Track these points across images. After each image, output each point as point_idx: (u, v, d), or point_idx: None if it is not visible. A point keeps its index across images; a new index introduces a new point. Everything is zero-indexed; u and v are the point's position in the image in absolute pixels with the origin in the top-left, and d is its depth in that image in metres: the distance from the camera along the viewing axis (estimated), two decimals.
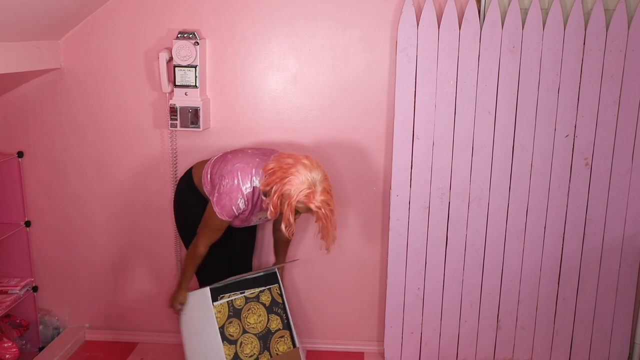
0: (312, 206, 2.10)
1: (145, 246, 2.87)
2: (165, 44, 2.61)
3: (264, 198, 2.22)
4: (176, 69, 2.54)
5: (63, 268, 2.93)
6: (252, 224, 2.43)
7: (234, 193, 2.18)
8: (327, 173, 2.72)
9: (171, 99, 2.60)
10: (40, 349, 2.85)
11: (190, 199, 2.41)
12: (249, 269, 2.67)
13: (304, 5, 2.57)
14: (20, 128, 2.77)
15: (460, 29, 2.47)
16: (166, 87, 2.59)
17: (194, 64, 2.54)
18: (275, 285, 2.53)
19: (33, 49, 2.45)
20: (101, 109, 2.73)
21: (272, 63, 2.64)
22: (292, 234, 2.19)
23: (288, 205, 2.09)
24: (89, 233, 2.88)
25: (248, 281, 2.47)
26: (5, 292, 2.72)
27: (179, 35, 2.54)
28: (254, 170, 2.21)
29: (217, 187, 2.23)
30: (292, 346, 2.52)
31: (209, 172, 2.34)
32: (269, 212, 2.15)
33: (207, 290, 2.36)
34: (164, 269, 2.89)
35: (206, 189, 2.34)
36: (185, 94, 2.57)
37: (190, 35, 2.53)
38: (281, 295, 2.53)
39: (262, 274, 2.51)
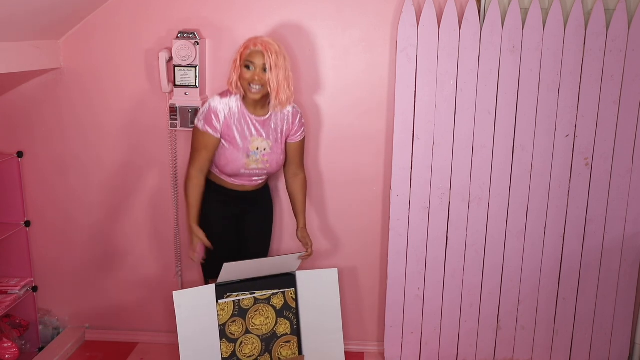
0: (251, 44, 2.20)
1: (146, 246, 2.87)
2: (165, 44, 2.61)
3: (249, 114, 2.29)
4: (176, 69, 2.54)
5: (63, 268, 2.93)
6: (252, 157, 2.33)
7: (211, 100, 2.29)
8: (327, 173, 2.74)
9: (171, 99, 2.60)
10: (40, 349, 2.85)
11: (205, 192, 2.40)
12: (264, 255, 2.62)
13: (304, 5, 2.57)
14: (20, 128, 2.77)
15: (460, 29, 2.47)
16: (166, 87, 2.59)
17: (194, 64, 2.54)
18: (291, 289, 2.48)
19: (33, 49, 2.45)
20: (101, 109, 2.73)
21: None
22: (258, 91, 2.23)
23: (238, 64, 2.22)
24: (89, 233, 2.88)
25: (262, 282, 2.44)
26: (5, 292, 2.72)
27: (179, 35, 2.54)
28: (226, 92, 2.33)
29: None
30: (297, 352, 2.50)
31: None
32: (229, 84, 2.26)
33: (212, 287, 2.35)
34: (164, 269, 2.89)
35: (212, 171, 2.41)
36: (185, 94, 2.56)
37: (190, 35, 2.53)
38: (296, 300, 2.50)
39: (278, 274, 2.46)
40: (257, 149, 2.34)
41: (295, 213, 2.55)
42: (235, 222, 2.49)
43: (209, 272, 2.47)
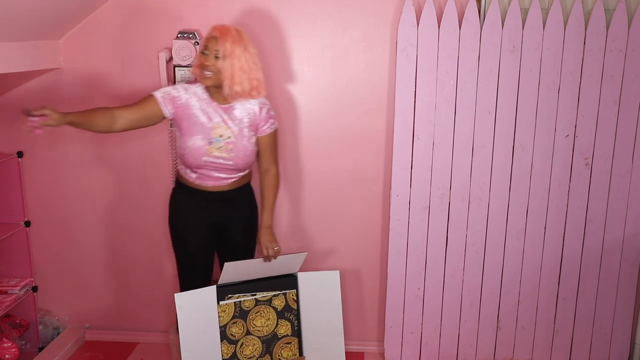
0: (212, 31, 2.16)
1: (146, 246, 2.87)
2: (165, 44, 2.61)
3: (212, 102, 2.25)
4: (176, 68, 2.54)
5: (63, 268, 2.93)
6: (214, 144, 2.24)
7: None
8: (327, 173, 2.74)
9: None
10: (40, 349, 2.85)
11: (182, 197, 2.38)
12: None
13: (304, 5, 2.57)
14: (20, 128, 2.76)
15: (460, 29, 2.47)
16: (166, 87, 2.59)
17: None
18: (292, 291, 2.48)
19: (33, 49, 2.45)
20: None
21: (272, 63, 2.64)
22: (208, 77, 2.17)
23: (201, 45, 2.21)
24: (89, 233, 2.88)
25: (263, 283, 2.44)
26: (5, 292, 2.72)
27: (179, 35, 2.54)
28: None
29: None
30: (298, 354, 2.50)
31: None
32: (202, 82, 2.22)
33: (213, 289, 2.35)
34: (164, 269, 2.89)
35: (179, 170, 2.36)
36: None
37: (190, 35, 2.53)
38: (297, 301, 2.50)
39: (280, 276, 2.45)
40: (221, 136, 2.24)
41: (263, 209, 2.42)
42: (214, 236, 2.41)
43: (186, 287, 2.42)
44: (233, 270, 2.31)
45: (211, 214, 2.36)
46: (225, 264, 2.26)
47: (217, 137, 2.24)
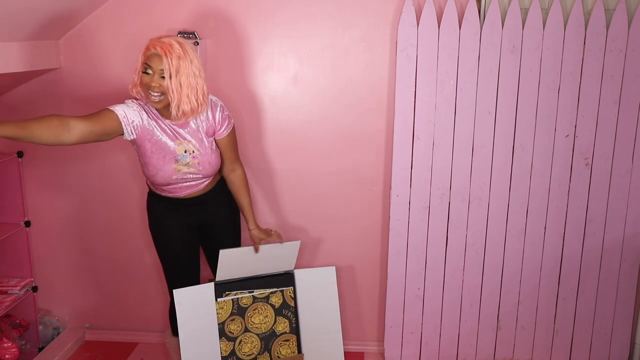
0: (153, 48, 1.98)
1: (145, 246, 2.87)
2: None
3: (163, 120, 2.12)
4: None
5: (63, 268, 2.93)
6: (181, 161, 2.16)
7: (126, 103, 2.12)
8: (327, 173, 2.74)
9: None
10: (40, 349, 2.85)
11: (148, 198, 2.36)
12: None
13: (304, 5, 2.57)
14: None
15: (460, 29, 2.47)
16: None
17: None
18: (290, 288, 2.49)
19: (33, 49, 2.45)
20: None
21: (272, 63, 2.64)
22: (156, 100, 2.02)
23: (137, 70, 2.04)
24: (89, 233, 2.88)
25: (260, 280, 2.45)
26: (5, 292, 2.72)
27: (178, 35, 2.54)
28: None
29: None
30: (297, 351, 2.50)
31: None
32: (131, 90, 2.09)
33: (211, 286, 2.36)
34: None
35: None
36: None
37: (190, 35, 2.53)
38: (294, 298, 2.51)
39: (277, 273, 2.48)
40: (185, 151, 2.15)
41: (244, 214, 2.40)
42: (196, 235, 2.39)
43: (169, 282, 2.42)
44: (229, 259, 2.32)
45: (189, 217, 2.33)
46: (221, 251, 2.27)
47: (182, 154, 2.15)
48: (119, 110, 2.08)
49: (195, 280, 2.43)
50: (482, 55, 2.49)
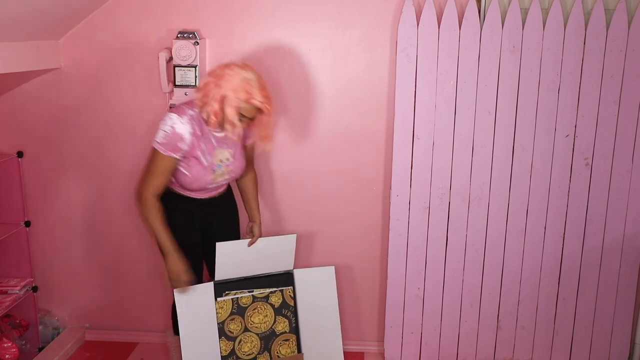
0: (256, 102, 2.07)
1: (145, 246, 2.87)
2: (165, 44, 2.61)
3: (210, 129, 2.17)
4: (176, 68, 2.54)
5: (63, 268, 2.93)
6: (217, 171, 2.25)
7: (173, 122, 2.10)
8: (327, 172, 2.74)
9: (171, 99, 2.60)
10: (40, 349, 2.85)
11: (166, 204, 2.33)
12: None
13: (304, 5, 2.57)
14: (20, 128, 2.77)
15: (460, 29, 2.47)
16: (166, 87, 2.59)
17: (194, 64, 2.54)
18: (289, 287, 2.50)
19: (33, 49, 2.45)
20: (101, 109, 2.73)
21: (272, 63, 2.64)
22: (238, 135, 2.13)
23: (230, 107, 2.06)
24: (89, 233, 2.88)
25: (260, 280, 2.45)
26: (5, 292, 2.72)
27: (179, 35, 2.54)
28: (186, 104, 2.18)
29: (156, 135, 2.13)
30: (296, 351, 2.50)
31: None
32: (210, 122, 2.11)
33: (210, 285, 2.36)
34: (164, 269, 2.89)
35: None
36: (185, 94, 2.56)
37: (190, 35, 2.53)
38: (294, 298, 2.51)
39: (276, 273, 2.48)
40: (221, 161, 2.24)
41: (250, 209, 2.50)
42: (201, 227, 2.40)
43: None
44: (226, 252, 2.34)
45: (199, 216, 2.36)
46: (218, 244, 2.30)
47: (218, 164, 2.24)
48: (172, 152, 2.13)
49: (199, 280, 2.44)
50: (482, 55, 2.49)
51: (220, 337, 2.38)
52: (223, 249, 2.35)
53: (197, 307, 2.35)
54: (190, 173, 2.20)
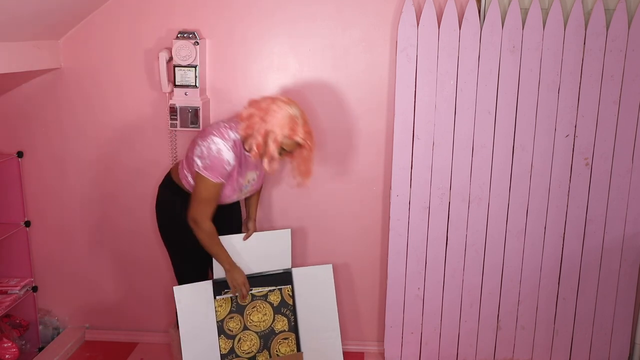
0: (298, 138, 2.13)
1: (146, 246, 2.87)
2: (165, 44, 2.61)
3: (246, 153, 2.22)
4: (176, 68, 2.54)
5: (63, 268, 2.93)
6: (243, 191, 2.35)
7: (219, 148, 2.14)
8: (327, 172, 2.74)
9: (171, 99, 2.60)
10: (40, 349, 2.85)
11: (172, 197, 2.37)
12: None
13: (304, 5, 2.57)
14: (20, 128, 2.77)
15: (460, 29, 2.47)
16: (166, 87, 2.59)
17: (194, 64, 2.54)
18: (288, 286, 2.51)
19: (33, 49, 2.45)
20: (101, 109, 2.73)
21: (272, 63, 2.64)
22: (274, 171, 2.19)
23: (273, 141, 2.11)
24: (89, 233, 2.88)
25: (258, 279, 2.46)
26: (5, 292, 2.72)
27: (179, 35, 2.54)
28: (227, 127, 2.21)
29: (196, 156, 2.16)
30: (296, 349, 2.50)
31: (184, 161, 2.32)
32: (252, 153, 2.15)
33: (209, 284, 2.37)
34: (164, 269, 2.89)
35: (185, 180, 2.30)
36: (185, 94, 2.57)
37: (190, 35, 2.53)
38: (293, 297, 2.51)
39: (275, 272, 2.49)
40: (249, 182, 2.34)
41: (250, 205, 2.58)
42: None
43: (185, 277, 2.45)
44: (225, 245, 2.36)
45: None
46: (219, 237, 2.32)
47: (246, 184, 2.34)
48: (222, 178, 2.18)
49: (206, 276, 2.48)
50: (482, 55, 2.49)
51: (219, 336, 2.38)
52: (224, 242, 2.36)
53: (197, 305, 2.35)
54: (224, 192, 2.27)
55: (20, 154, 2.76)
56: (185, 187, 2.32)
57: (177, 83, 2.56)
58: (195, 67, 2.54)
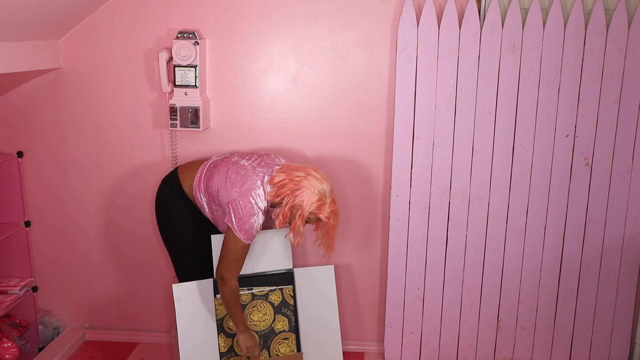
0: (322, 216, 2.17)
1: (146, 246, 2.87)
2: (165, 44, 2.61)
3: (271, 209, 2.24)
4: (176, 68, 2.54)
5: (63, 268, 2.93)
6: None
7: (254, 215, 2.18)
8: (327, 172, 2.73)
9: (171, 98, 2.60)
10: (40, 349, 2.85)
11: (173, 197, 2.38)
12: None
13: (304, 5, 2.57)
14: (20, 128, 2.77)
15: (460, 29, 2.47)
16: (166, 87, 2.59)
17: (194, 64, 2.54)
18: (289, 286, 2.51)
19: (33, 49, 2.45)
20: (101, 109, 2.73)
21: (272, 63, 2.64)
22: (299, 244, 2.21)
23: (299, 216, 2.13)
24: (89, 233, 2.88)
25: (259, 278, 2.46)
26: (5, 292, 2.72)
27: (179, 35, 2.54)
28: (262, 186, 2.21)
29: (232, 213, 2.18)
30: (295, 350, 2.50)
31: (201, 184, 2.32)
32: (277, 222, 2.17)
33: (210, 282, 2.37)
34: (164, 269, 2.89)
35: (198, 199, 2.34)
36: (185, 94, 2.57)
37: (190, 35, 2.53)
38: (294, 297, 2.51)
39: (276, 272, 2.49)
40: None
41: None
42: (205, 225, 2.46)
43: (186, 276, 2.46)
44: (220, 244, 2.35)
45: (206, 219, 2.43)
46: (212, 236, 2.35)
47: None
48: (253, 238, 2.23)
49: (209, 274, 2.49)
50: (482, 55, 2.49)
51: (219, 334, 2.38)
52: (218, 241, 2.35)
53: (197, 303, 2.35)
54: None
55: (20, 154, 2.76)
56: (194, 201, 2.35)
57: (177, 83, 2.56)
58: (195, 67, 2.54)
